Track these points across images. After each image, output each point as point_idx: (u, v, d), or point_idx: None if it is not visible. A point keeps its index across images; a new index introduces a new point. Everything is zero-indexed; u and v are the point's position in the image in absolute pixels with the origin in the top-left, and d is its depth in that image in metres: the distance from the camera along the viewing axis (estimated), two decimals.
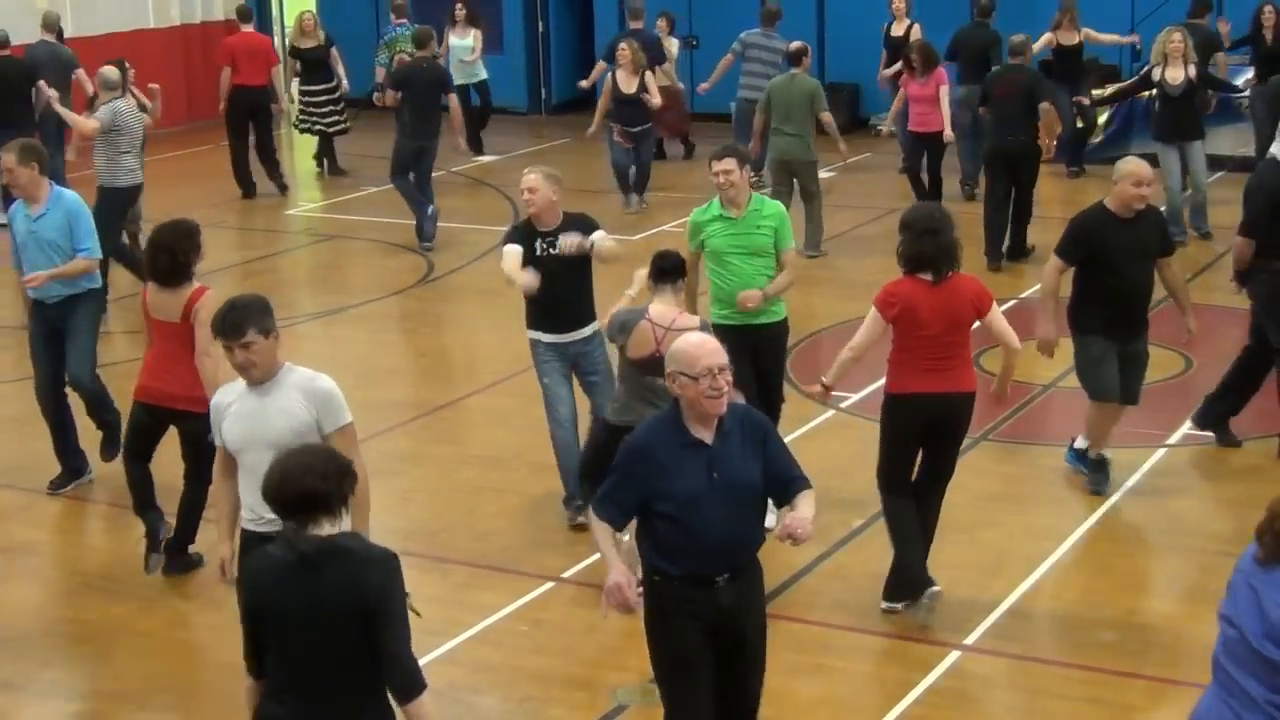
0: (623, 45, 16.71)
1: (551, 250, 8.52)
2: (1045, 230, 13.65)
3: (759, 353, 8.78)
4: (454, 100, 16.00)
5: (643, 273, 8.28)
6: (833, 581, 8.34)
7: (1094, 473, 9.38)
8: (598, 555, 6.03)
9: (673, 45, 19.34)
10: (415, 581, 8.33)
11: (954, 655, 7.56)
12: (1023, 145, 14.17)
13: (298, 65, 19.10)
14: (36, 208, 9.43)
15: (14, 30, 17.23)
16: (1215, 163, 17.83)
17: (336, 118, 19.01)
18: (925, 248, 7.58)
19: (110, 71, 13.61)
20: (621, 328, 7.96)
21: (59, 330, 9.64)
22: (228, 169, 19.27)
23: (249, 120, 18.26)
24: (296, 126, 19.67)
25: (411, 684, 4.92)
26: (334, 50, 18.91)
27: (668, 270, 7.98)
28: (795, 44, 15.70)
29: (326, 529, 4.89)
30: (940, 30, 19.72)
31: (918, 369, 7.63)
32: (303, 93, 19.24)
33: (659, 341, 7.71)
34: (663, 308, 7.91)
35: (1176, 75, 14.59)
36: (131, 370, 10.93)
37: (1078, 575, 8.30)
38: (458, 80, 18.30)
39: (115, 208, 13.37)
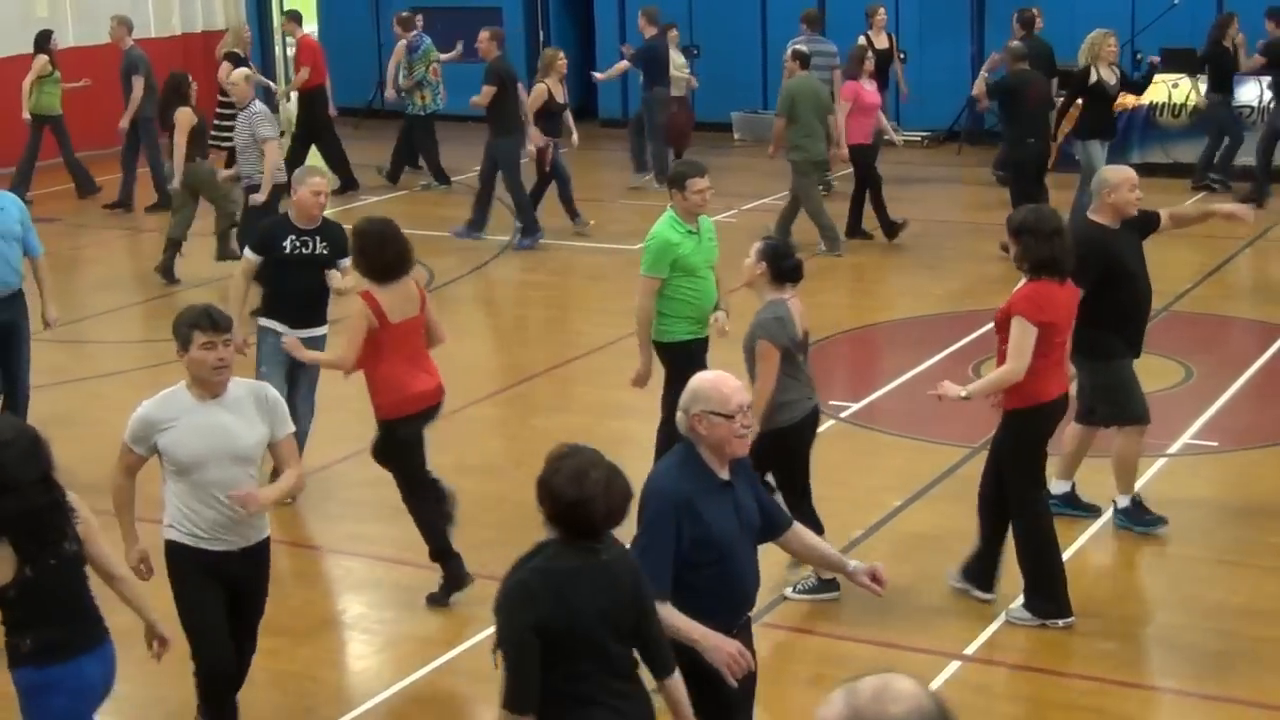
0: (561, 55, 16.34)
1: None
2: None
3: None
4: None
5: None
6: None
7: (1148, 514, 8.89)
8: None
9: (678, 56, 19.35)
10: (414, 590, 8.38)
11: (954, 665, 7.54)
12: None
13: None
14: None
15: (13, 39, 17.28)
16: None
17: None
18: (1055, 249, 7.44)
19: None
20: (778, 322, 7.67)
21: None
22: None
23: None
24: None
25: (670, 660, 5.01)
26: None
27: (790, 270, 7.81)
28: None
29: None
30: (945, 43, 19.76)
31: (1057, 372, 7.58)
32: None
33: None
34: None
35: (1110, 76, 14.88)
36: None
37: (1077, 584, 8.26)
38: None
39: None
